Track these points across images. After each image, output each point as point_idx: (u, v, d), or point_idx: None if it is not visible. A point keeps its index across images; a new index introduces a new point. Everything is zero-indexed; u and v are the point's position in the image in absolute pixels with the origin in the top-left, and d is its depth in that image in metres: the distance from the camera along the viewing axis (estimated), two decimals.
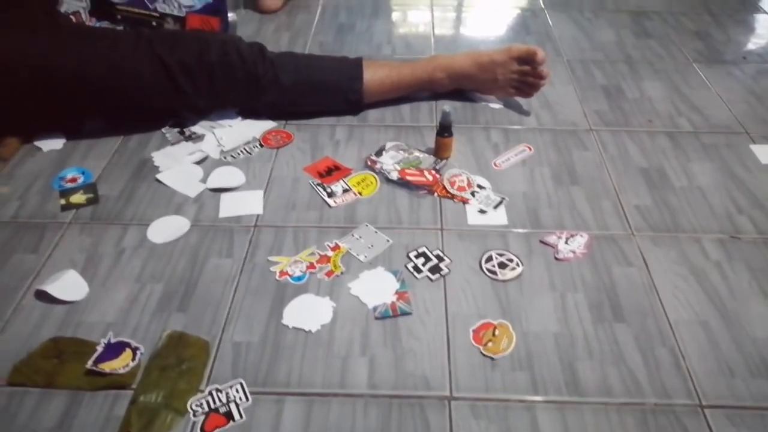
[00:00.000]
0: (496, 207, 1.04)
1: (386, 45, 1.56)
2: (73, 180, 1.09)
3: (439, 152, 1.14)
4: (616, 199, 1.06)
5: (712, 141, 1.21)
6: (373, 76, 1.24)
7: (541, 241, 0.97)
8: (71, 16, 1.18)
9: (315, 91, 1.22)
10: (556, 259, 0.94)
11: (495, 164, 1.14)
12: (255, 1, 1.69)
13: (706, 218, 1.03)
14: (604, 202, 1.06)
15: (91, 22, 1.19)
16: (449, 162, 1.14)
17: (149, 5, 1.20)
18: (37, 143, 1.18)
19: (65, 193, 1.06)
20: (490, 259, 0.94)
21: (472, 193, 1.06)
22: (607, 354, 0.80)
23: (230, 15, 1.25)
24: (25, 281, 0.90)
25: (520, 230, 1.00)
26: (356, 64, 1.24)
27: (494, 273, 0.92)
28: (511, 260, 0.94)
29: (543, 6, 1.76)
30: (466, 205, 1.04)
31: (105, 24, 1.20)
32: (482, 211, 1.03)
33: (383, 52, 1.52)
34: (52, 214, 1.03)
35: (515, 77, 1.25)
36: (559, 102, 1.32)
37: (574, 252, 0.95)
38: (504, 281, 0.90)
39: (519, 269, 0.92)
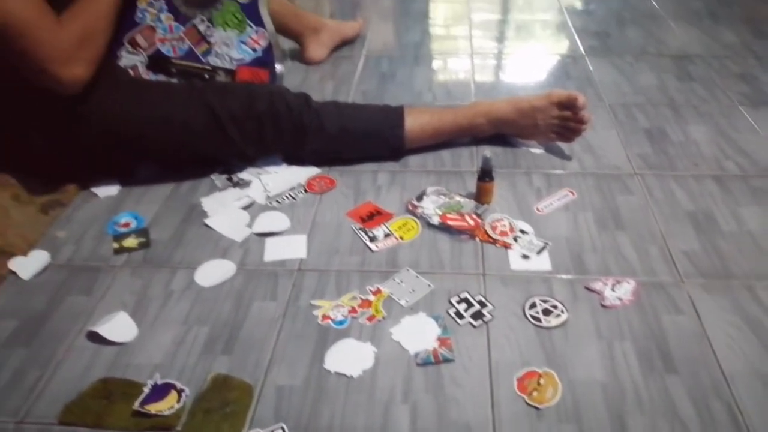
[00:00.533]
0: (539, 252, 1.03)
1: (427, 92, 1.59)
2: (126, 225, 1.14)
3: (481, 197, 1.15)
4: (663, 245, 1.04)
5: (761, 184, 1.18)
6: (414, 122, 1.26)
7: (587, 288, 0.96)
8: (129, 70, 1.25)
9: (358, 138, 1.26)
10: (603, 306, 0.92)
11: (537, 209, 1.13)
12: (301, 53, 1.75)
13: (758, 264, 0.99)
14: (651, 248, 1.03)
15: (148, 76, 1.26)
16: (491, 207, 1.14)
17: (202, 59, 1.26)
18: (94, 189, 1.23)
19: (118, 237, 1.11)
20: (534, 305, 0.93)
21: (515, 238, 1.06)
22: (659, 406, 0.78)
23: (278, 67, 1.30)
24: (78, 322, 0.94)
25: (565, 276, 0.98)
26: (398, 112, 1.26)
27: (538, 320, 0.90)
28: (555, 307, 0.92)
29: (583, 52, 1.78)
30: (509, 250, 1.04)
31: (161, 77, 1.26)
32: (525, 257, 1.02)
33: (424, 99, 1.55)
34: (106, 257, 1.07)
35: (556, 122, 1.26)
36: (602, 146, 1.32)
37: (620, 299, 0.93)
38: (549, 328, 0.89)
39: (564, 316, 0.91)
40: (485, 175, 1.13)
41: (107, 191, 1.23)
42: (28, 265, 1.05)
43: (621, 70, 1.65)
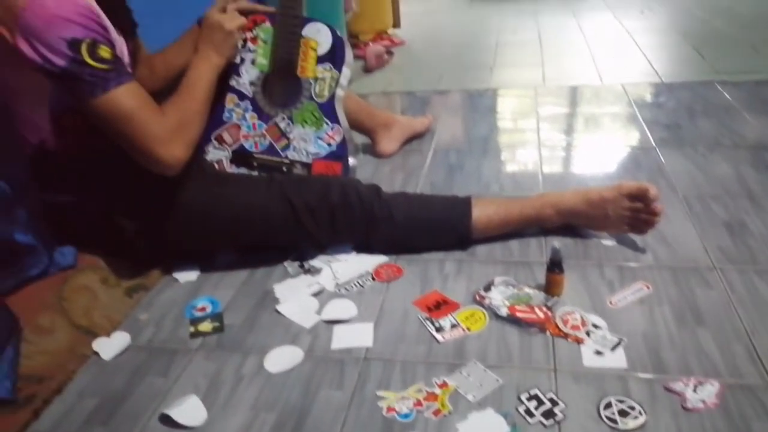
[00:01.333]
0: (613, 348, 0.99)
1: (494, 183, 1.62)
2: (203, 309, 1.19)
3: (551, 289, 1.13)
4: (748, 343, 0.98)
5: None
6: (481, 213, 1.28)
7: (666, 388, 0.90)
8: (215, 164, 1.35)
9: (426, 227, 1.28)
10: (684, 408, 0.87)
11: (610, 302, 1.10)
12: (373, 146, 1.84)
13: None
14: (736, 346, 0.97)
15: (231, 169, 1.35)
16: (561, 299, 1.12)
17: (281, 153, 1.35)
18: (176, 274, 1.30)
19: (195, 321, 1.16)
20: (609, 405, 0.88)
21: (587, 333, 1.03)
22: None
23: (351, 160, 1.37)
24: (153, 403, 0.97)
25: (642, 375, 0.94)
26: (465, 202, 1.29)
27: (614, 421, 0.86)
28: (632, 408, 0.87)
29: (654, 144, 1.76)
30: (581, 345, 1.00)
31: (243, 170, 1.35)
32: (598, 353, 0.98)
33: (492, 190, 1.58)
34: (183, 340, 1.11)
35: (628, 214, 1.24)
36: (677, 238, 1.28)
37: (704, 402, 0.87)
38: (626, 431, 0.84)
39: (642, 418, 0.86)
40: (555, 266, 1.12)
41: (187, 276, 1.30)
42: (110, 345, 1.10)
43: (694, 162, 1.63)
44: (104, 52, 1.02)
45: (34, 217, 1.17)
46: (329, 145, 1.34)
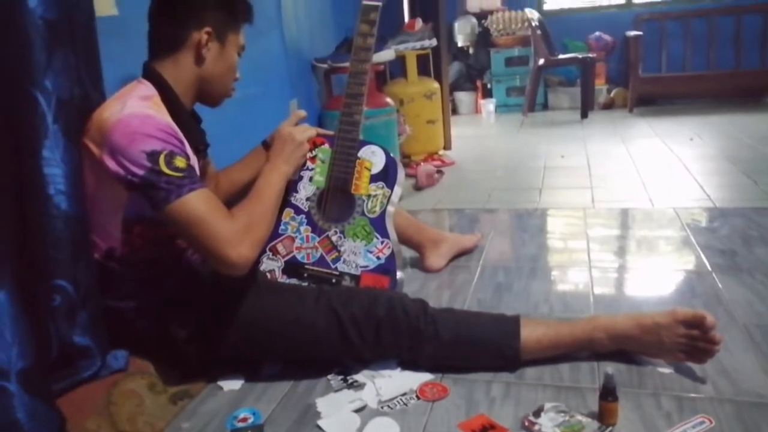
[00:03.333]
0: None
1: (543, 304, 1.59)
2: (244, 420, 1.17)
3: (604, 418, 1.07)
4: None
5: None
6: (530, 333, 1.26)
7: None
8: (267, 274, 1.40)
9: (472, 346, 1.26)
10: None
11: None
12: (421, 261, 1.86)
13: None
14: None
15: (282, 279, 1.40)
16: (615, 429, 1.06)
17: (331, 265, 1.39)
18: (221, 382, 1.31)
19: None
20: None
21: None
22: None
23: (398, 274, 1.39)
24: None
25: None
26: (513, 321, 1.27)
27: None
28: None
29: (710, 269, 1.72)
30: None
31: (293, 281, 1.39)
32: None
33: (541, 311, 1.55)
34: None
35: (684, 341, 1.19)
36: (739, 369, 1.21)
37: None
38: None
39: None
40: (608, 393, 1.07)
41: (232, 385, 1.30)
42: None
43: (753, 289, 1.57)
44: (179, 161, 1.11)
45: (94, 321, 1.22)
46: (378, 258, 1.38)
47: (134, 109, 1.13)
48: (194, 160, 1.22)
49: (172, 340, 1.23)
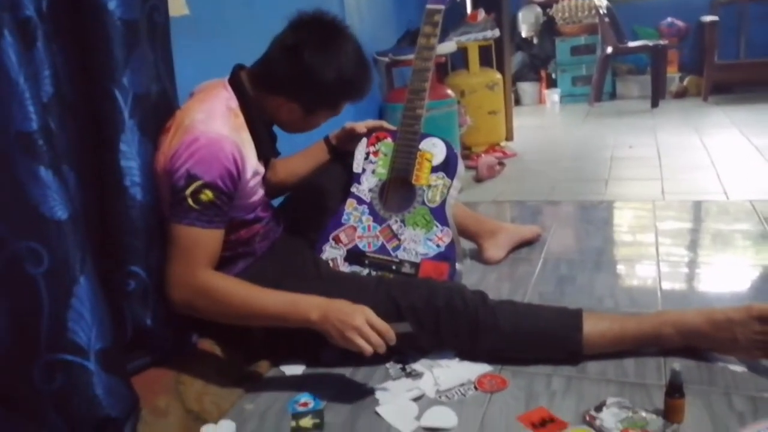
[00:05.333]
0: None
1: (608, 298, 1.55)
2: (305, 404, 1.21)
3: (670, 415, 1.04)
4: None
5: None
6: (594, 327, 1.23)
7: None
8: (330, 262, 1.43)
9: (533, 338, 1.24)
10: None
11: None
12: (479, 253, 1.85)
13: None
14: None
15: (344, 266, 1.42)
16: (681, 428, 1.02)
17: (392, 253, 1.41)
18: (283, 367, 1.35)
19: (297, 416, 1.17)
20: None
21: None
22: None
23: (457, 265, 1.39)
24: None
25: None
26: (576, 315, 1.24)
27: None
28: None
29: None
30: None
31: (355, 268, 1.42)
32: None
33: (605, 305, 1.51)
34: None
35: (759, 338, 1.14)
36: None
37: None
38: None
39: None
40: (675, 390, 1.03)
41: (294, 370, 1.33)
42: None
43: None
44: (205, 195, 1.15)
45: (165, 304, 1.28)
46: (438, 246, 1.38)
47: (213, 127, 1.17)
48: (257, 168, 1.27)
49: (240, 326, 1.28)
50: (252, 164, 1.25)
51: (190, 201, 1.14)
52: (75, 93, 1.12)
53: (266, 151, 1.33)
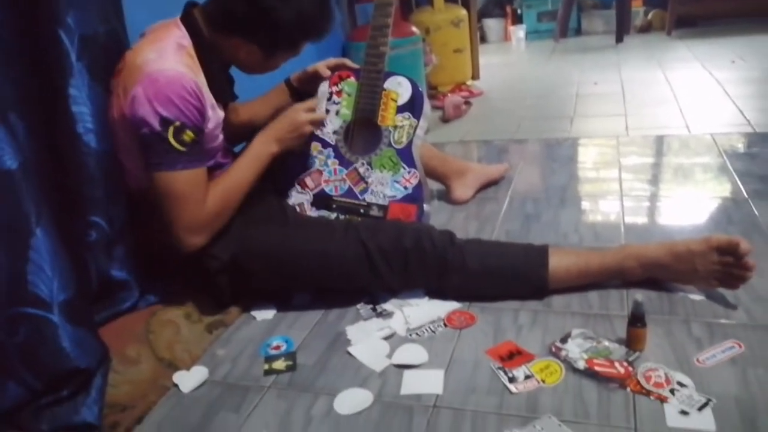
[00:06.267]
0: (700, 409, 0.92)
1: (573, 234, 1.58)
2: (278, 347, 1.21)
3: (632, 344, 1.08)
4: None
5: None
6: (559, 263, 1.25)
7: None
8: (296, 207, 1.41)
9: (500, 276, 1.26)
10: None
11: (698, 360, 1.03)
12: (447, 193, 1.85)
13: None
14: None
15: (312, 211, 1.41)
16: (643, 355, 1.06)
17: (359, 196, 1.39)
18: (254, 312, 1.35)
19: (269, 359, 1.18)
20: None
21: (671, 391, 0.97)
22: None
23: (425, 206, 1.38)
24: None
25: None
26: (542, 251, 1.26)
27: None
28: None
29: (746, 196, 1.67)
30: (664, 404, 0.94)
31: (323, 212, 1.40)
32: (684, 413, 0.92)
33: (570, 241, 1.54)
34: (256, 377, 1.14)
35: (717, 268, 1.17)
36: None
37: None
38: None
39: None
40: (637, 320, 1.07)
41: (264, 314, 1.34)
42: (189, 379, 1.15)
43: None
44: (187, 135, 1.13)
45: (130, 255, 1.25)
46: (405, 188, 1.37)
47: (167, 65, 1.12)
48: (217, 118, 1.24)
49: (205, 271, 1.26)
50: (211, 106, 1.20)
51: (176, 145, 1.12)
52: (17, 37, 1.05)
53: (223, 94, 1.28)
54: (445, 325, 1.22)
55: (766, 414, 0.91)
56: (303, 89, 1.48)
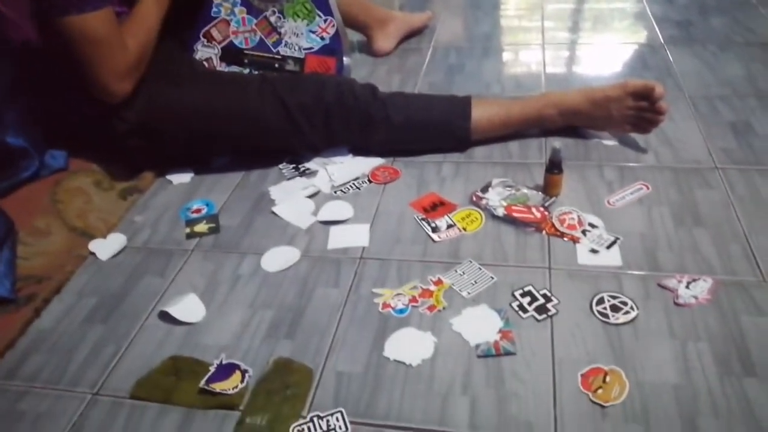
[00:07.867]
0: (609, 247, 0.99)
1: (496, 84, 1.56)
2: (198, 211, 1.18)
3: (548, 189, 1.12)
4: (745, 243, 0.98)
5: None
6: (482, 114, 1.24)
7: (659, 285, 0.91)
8: (204, 62, 1.30)
9: (424, 129, 1.25)
10: (676, 304, 0.88)
11: (608, 202, 1.09)
12: (368, 45, 1.76)
13: None
14: (732, 246, 0.97)
15: (221, 67, 1.30)
16: (559, 200, 1.11)
17: (272, 49, 1.29)
18: (170, 177, 1.29)
19: (190, 222, 1.15)
20: (601, 301, 0.89)
21: (583, 232, 1.02)
22: (735, 412, 0.73)
23: (345, 59, 1.31)
24: (151, 302, 0.98)
25: (636, 272, 0.94)
26: (465, 102, 1.25)
27: (606, 316, 0.87)
28: (625, 303, 0.89)
29: (663, 42, 1.69)
30: (577, 245, 1.00)
31: (234, 68, 1.30)
32: (594, 251, 0.98)
33: (493, 91, 1.53)
34: (178, 241, 1.11)
35: (631, 113, 1.21)
36: (681, 139, 1.25)
37: (696, 297, 0.88)
38: (617, 325, 0.86)
39: (634, 313, 0.87)
40: (554, 166, 1.10)
41: (181, 178, 1.28)
42: (106, 246, 1.11)
43: (704, 60, 1.57)
44: None
45: (25, 119, 1.14)
46: (322, 38, 1.29)
47: None
48: None
49: (113, 133, 1.17)
50: None
51: None
52: None
53: None
54: (370, 181, 1.22)
55: (666, 247, 0.98)
56: None
